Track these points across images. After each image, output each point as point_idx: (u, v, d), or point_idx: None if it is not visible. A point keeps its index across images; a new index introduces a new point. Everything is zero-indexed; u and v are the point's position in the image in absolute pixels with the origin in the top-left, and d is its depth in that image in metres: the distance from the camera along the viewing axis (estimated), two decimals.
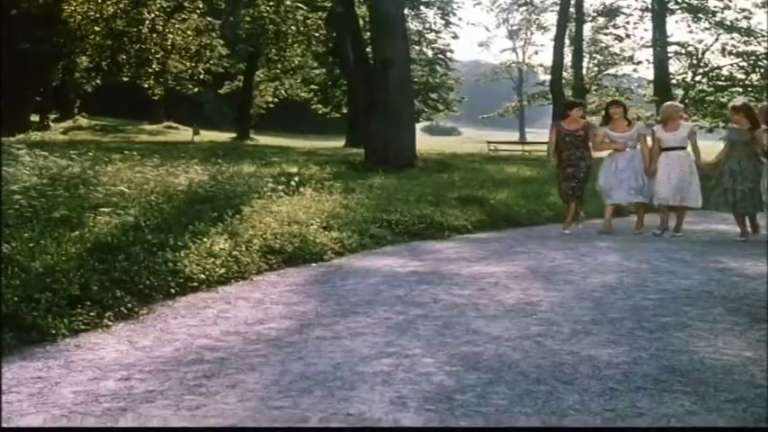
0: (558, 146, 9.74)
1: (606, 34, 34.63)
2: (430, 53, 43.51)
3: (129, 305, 4.98)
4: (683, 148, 9.38)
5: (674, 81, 32.36)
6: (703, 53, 32.87)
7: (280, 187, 9.51)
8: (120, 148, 14.88)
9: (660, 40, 31.23)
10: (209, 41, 30.73)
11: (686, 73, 33.08)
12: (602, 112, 10.23)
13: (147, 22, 26.23)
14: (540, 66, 40.37)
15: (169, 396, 3.50)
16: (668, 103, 10.90)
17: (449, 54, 45.12)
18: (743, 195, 8.89)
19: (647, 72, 33.73)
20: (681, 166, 9.24)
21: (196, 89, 35.18)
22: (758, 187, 8.77)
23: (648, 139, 9.63)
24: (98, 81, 34.60)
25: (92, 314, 4.68)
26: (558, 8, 32.73)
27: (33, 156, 8.77)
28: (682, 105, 10.60)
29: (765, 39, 31.35)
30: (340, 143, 33.51)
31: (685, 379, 3.76)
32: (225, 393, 3.53)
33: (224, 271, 6.01)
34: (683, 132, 9.42)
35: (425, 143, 30.84)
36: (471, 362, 4.01)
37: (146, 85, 29.63)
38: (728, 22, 31.95)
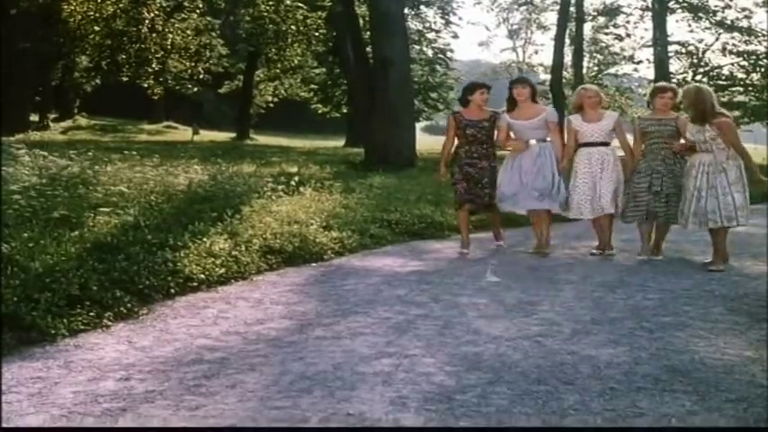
0: (458, 140, 7.80)
1: (606, 34, 34.56)
2: (430, 52, 43.39)
3: (129, 305, 4.97)
4: (606, 143, 7.49)
5: (674, 80, 32.29)
6: (704, 52, 32.82)
7: (279, 187, 9.50)
8: (120, 147, 14.88)
9: (660, 39, 31.15)
10: (208, 41, 30.67)
11: (687, 72, 33.02)
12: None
13: (147, 21, 26.17)
14: (541, 65, 40.24)
15: (169, 396, 3.49)
16: (583, 85, 8.60)
17: (449, 53, 44.99)
18: (667, 202, 7.13)
19: (648, 71, 33.63)
20: (602, 167, 7.37)
21: (196, 89, 35.14)
22: (680, 194, 7.05)
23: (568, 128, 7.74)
24: (98, 81, 34.50)
25: (91, 314, 4.67)
26: (558, 7, 32.72)
27: (33, 156, 8.77)
28: (597, 88, 8.07)
29: (766, 38, 31.33)
30: (340, 143, 33.49)
31: (686, 379, 3.76)
32: (225, 393, 3.53)
33: (224, 271, 6.00)
34: (605, 124, 7.45)
35: (425, 143, 30.78)
36: (472, 362, 4.00)
37: (145, 85, 29.55)
38: (729, 22, 31.88)
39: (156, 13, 26.45)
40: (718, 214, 6.71)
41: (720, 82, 32.66)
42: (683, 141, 7.14)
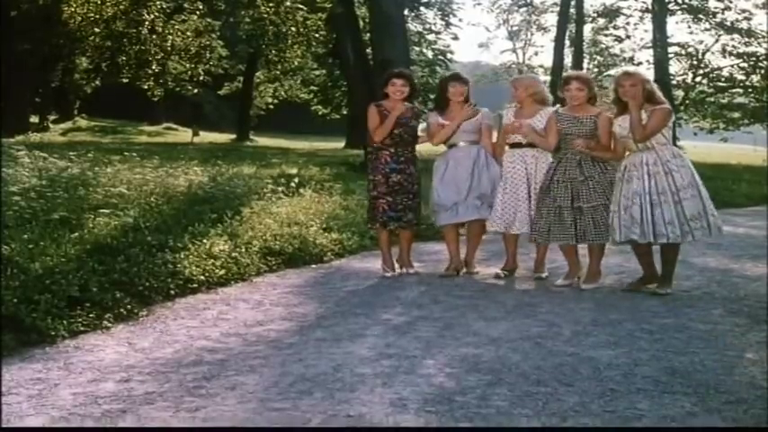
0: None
1: (606, 35, 34.62)
2: (430, 54, 43.44)
3: (129, 307, 4.97)
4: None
5: (674, 82, 32.37)
6: (704, 54, 32.89)
7: (279, 188, 9.51)
8: (120, 149, 14.88)
9: (660, 41, 31.20)
10: (208, 43, 30.64)
11: (686, 74, 33.09)
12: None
13: (147, 23, 26.15)
14: (541, 67, 40.17)
15: (169, 398, 3.49)
16: (518, 76, 6.83)
17: (449, 55, 45.06)
18: (588, 216, 5.94)
19: (648, 73, 33.56)
20: (527, 174, 6.30)
21: (196, 90, 35.17)
22: (608, 205, 5.91)
23: (495, 132, 6.68)
24: (97, 82, 34.58)
25: (91, 316, 4.67)
26: (558, 9, 32.78)
27: (33, 157, 8.76)
28: (534, 78, 6.64)
29: (766, 39, 31.36)
30: (340, 144, 33.47)
31: (686, 380, 3.76)
32: (224, 395, 3.53)
33: (223, 272, 6.00)
34: (538, 122, 6.35)
35: (425, 144, 30.89)
36: (472, 363, 4.00)
37: (145, 87, 29.55)
38: (729, 23, 31.94)
39: (156, 14, 26.44)
40: (675, 226, 5.63)
41: (720, 83, 32.73)
42: (581, 141, 6.02)
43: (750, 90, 32.20)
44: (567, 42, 31.47)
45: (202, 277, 5.80)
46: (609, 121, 6.02)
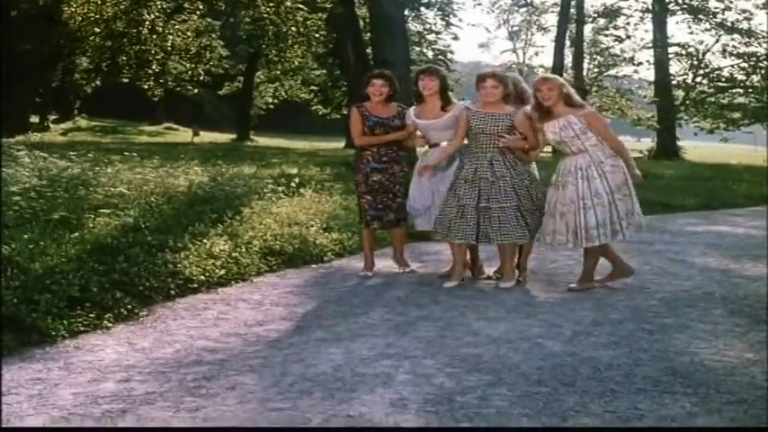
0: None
1: (607, 35, 34.64)
2: (430, 54, 43.44)
3: (129, 307, 4.97)
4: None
5: (674, 82, 32.38)
6: (704, 54, 32.89)
7: (280, 188, 9.51)
8: (120, 149, 14.88)
9: (660, 41, 31.25)
10: (208, 42, 30.70)
11: (687, 74, 33.09)
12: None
13: (147, 23, 26.20)
14: (541, 67, 40.11)
15: (169, 398, 3.49)
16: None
17: (449, 55, 45.09)
18: (496, 217, 5.87)
19: (648, 73, 33.72)
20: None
21: (196, 90, 35.19)
22: (520, 206, 5.88)
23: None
24: (98, 82, 34.60)
25: (91, 316, 4.67)
26: (558, 9, 32.80)
27: (33, 157, 8.76)
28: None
29: (766, 40, 31.37)
30: (340, 144, 33.46)
31: (686, 380, 3.76)
32: (225, 395, 3.53)
33: (224, 272, 6.00)
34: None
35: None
36: (472, 363, 4.00)
37: (146, 87, 29.59)
38: (729, 23, 31.97)
39: (157, 14, 26.48)
40: (607, 227, 5.71)
41: (720, 84, 32.74)
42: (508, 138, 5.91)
43: (750, 90, 32.22)
44: (568, 42, 31.53)
45: (202, 277, 5.80)
46: (528, 117, 5.91)
